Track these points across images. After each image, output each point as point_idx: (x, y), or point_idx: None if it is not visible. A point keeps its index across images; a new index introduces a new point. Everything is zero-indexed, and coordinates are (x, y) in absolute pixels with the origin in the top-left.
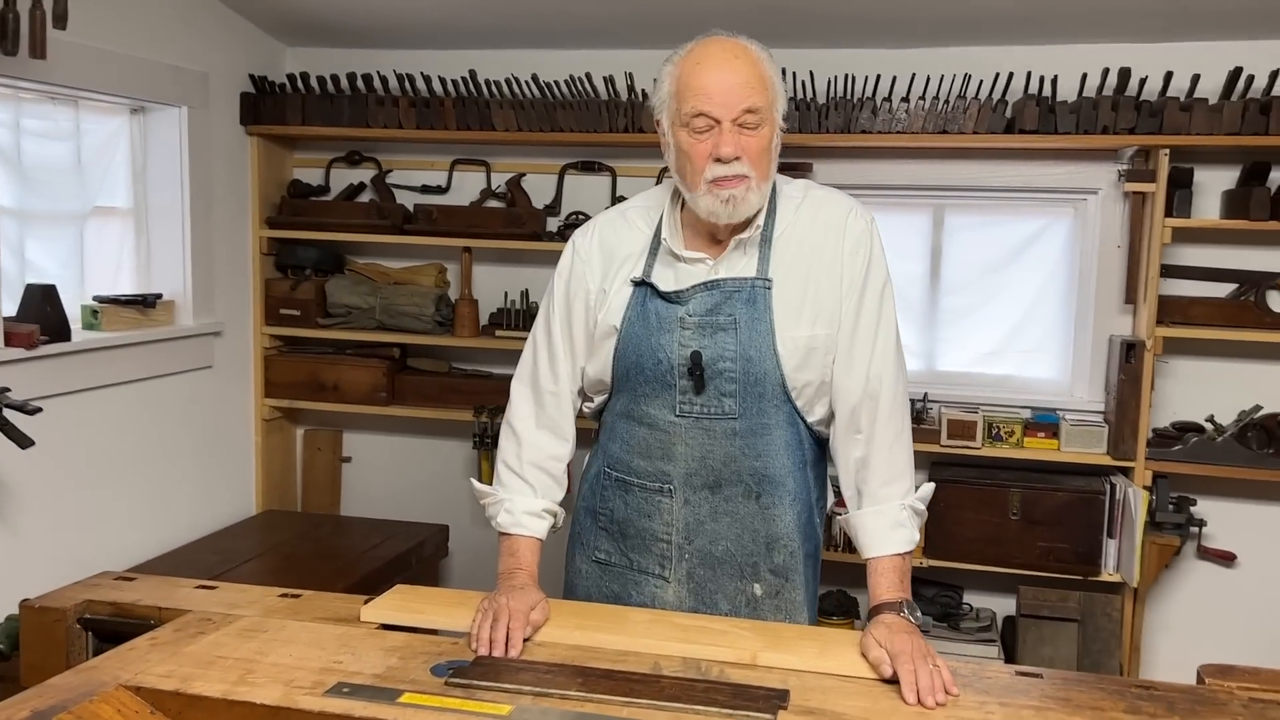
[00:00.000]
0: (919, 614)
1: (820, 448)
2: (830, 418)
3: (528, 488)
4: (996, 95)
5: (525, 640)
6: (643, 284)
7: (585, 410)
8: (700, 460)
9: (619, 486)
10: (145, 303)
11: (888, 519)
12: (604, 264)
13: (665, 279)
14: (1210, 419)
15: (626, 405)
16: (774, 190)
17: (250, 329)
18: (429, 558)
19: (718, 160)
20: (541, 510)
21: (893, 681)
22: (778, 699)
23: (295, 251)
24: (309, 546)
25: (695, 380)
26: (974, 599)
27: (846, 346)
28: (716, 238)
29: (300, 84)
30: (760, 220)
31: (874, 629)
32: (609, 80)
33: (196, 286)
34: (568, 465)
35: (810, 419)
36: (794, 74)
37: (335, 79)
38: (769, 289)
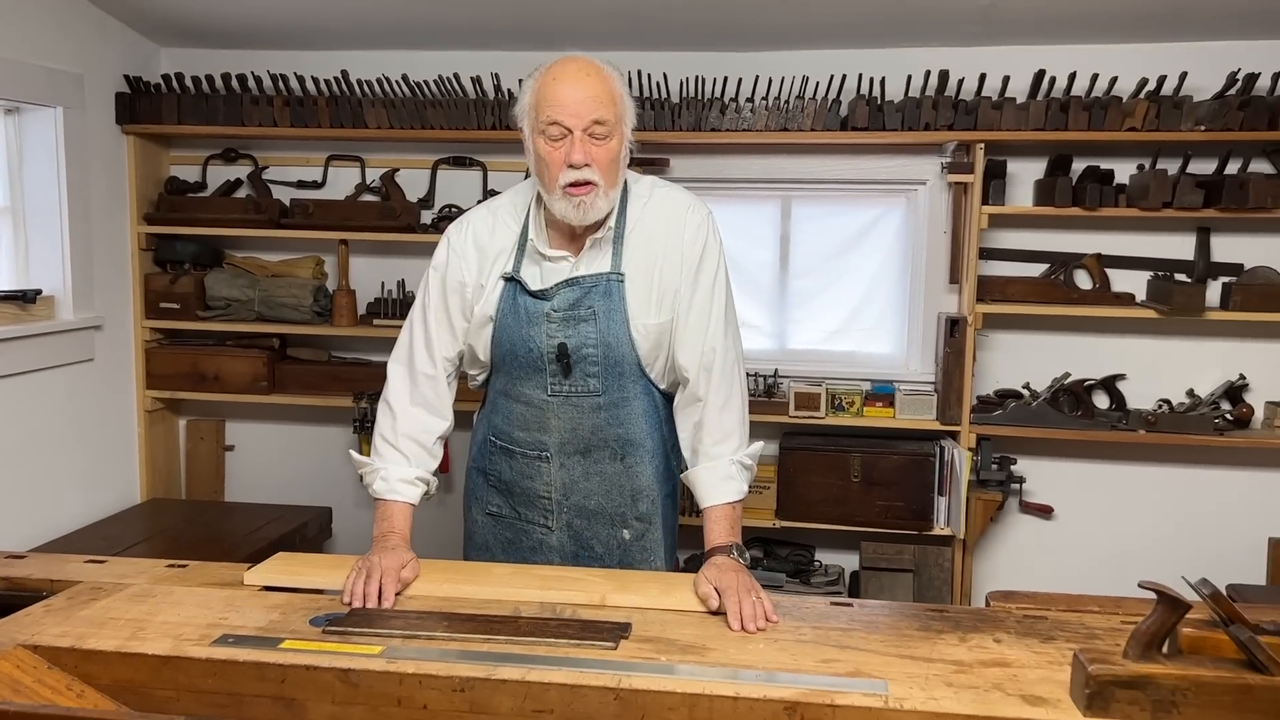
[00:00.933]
0: (747, 556)
1: (672, 405)
2: (678, 383)
3: (402, 458)
4: (832, 96)
5: (396, 595)
6: (512, 280)
7: (471, 385)
8: (571, 431)
9: (504, 453)
10: (25, 298)
11: (719, 473)
12: (479, 260)
13: (532, 276)
14: (1026, 386)
15: (505, 385)
16: (624, 189)
17: (131, 322)
18: (313, 539)
19: (570, 166)
20: (415, 478)
21: (722, 613)
22: (620, 631)
23: (174, 247)
24: (195, 530)
25: (563, 366)
26: (824, 556)
27: (683, 325)
28: (575, 234)
29: (175, 84)
30: (612, 221)
31: (706, 569)
32: (476, 80)
33: (76, 282)
34: (444, 441)
35: (662, 386)
36: (649, 75)
37: (210, 79)
38: (622, 282)
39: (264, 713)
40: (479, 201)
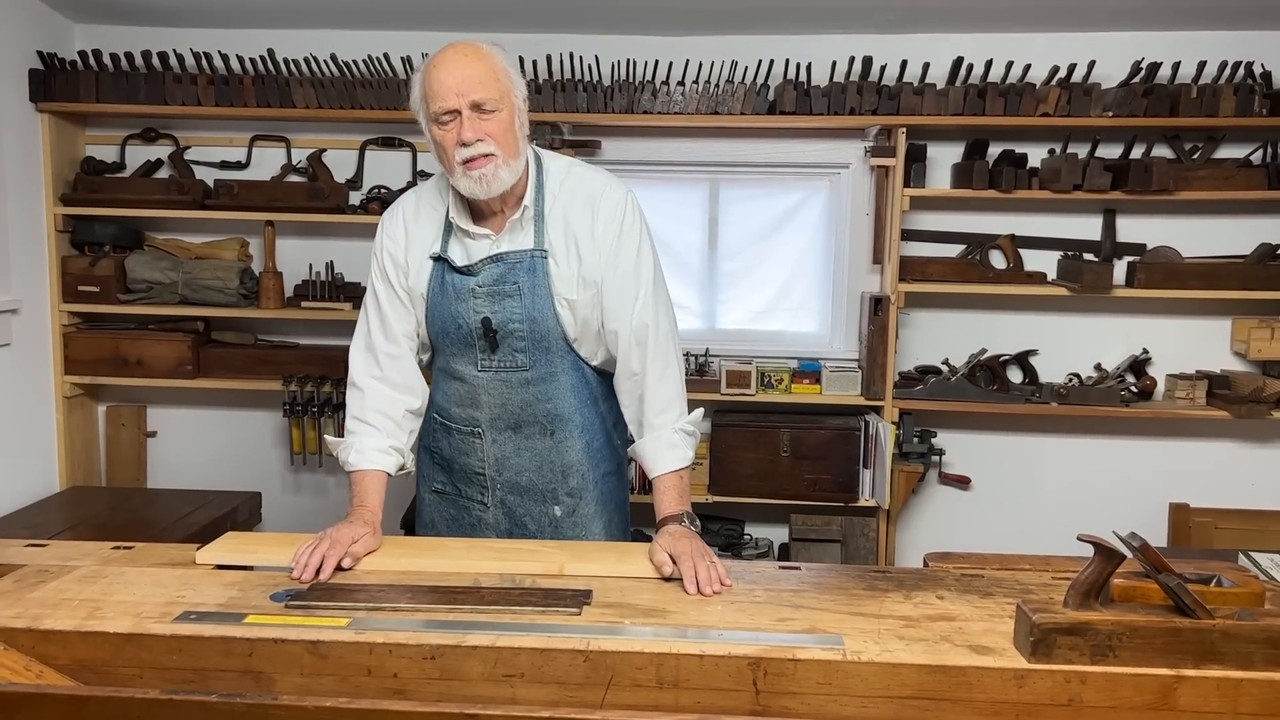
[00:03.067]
0: (698, 523)
1: (609, 383)
2: (613, 360)
3: (373, 430)
4: (760, 80)
5: (347, 569)
6: (440, 259)
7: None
8: (502, 406)
9: (443, 430)
10: None
11: (664, 442)
12: (407, 241)
13: (458, 254)
14: (945, 362)
15: (443, 362)
16: (541, 169)
17: (48, 306)
18: (243, 524)
19: (463, 144)
20: (388, 447)
21: (677, 579)
22: (583, 597)
23: (92, 228)
24: (121, 517)
25: (489, 341)
26: (754, 529)
27: (610, 303)
28: (493, 211)
29: (92, 61)
30: (529, 200)
31: (660, 538)
32: (406, 60)
33: None
34: (416, 419)
35: (593, 363)
36: (581, 58)
37: (129, 57)
38: (545, 258)
39: (231, 687)
40: (408, 183)
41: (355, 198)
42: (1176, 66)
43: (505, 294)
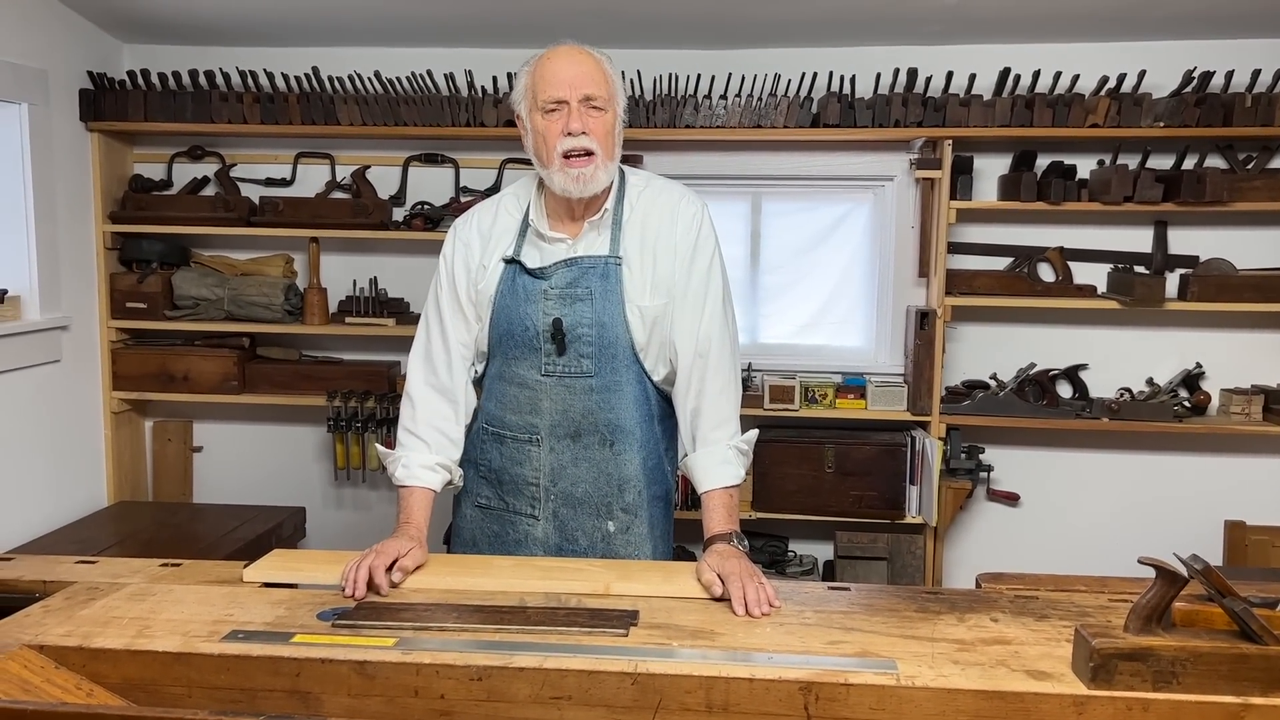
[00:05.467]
0: (746, 542)
1: (667, 404)
2: (673, 377)
3: (423, 444)
4: (803, 93)
5: (397, 583)
6: (512, 262)
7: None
8: (563, 413)
9: (495, 440)
10: None
11: (717, 457)
12: (482, 244)
13: (531, 257)
14: (993, 376)
15: (500, 368)
16: (623, 180)
17: (97, 323)
18: (287, 539)
19: (569, 134)
20: (435, 464)
21: (726, 600)
22: (630, 618)
23: (140, 245)
24: (167, 533)
25: (558, 344)
26: (798, 546)
27: (679, 311)
28: (575, 216)
29: (141, 81)
30: (609, 204)
31: (708, 557)
32: (449, 77)
33: (43, 282)
34: (465, 431)
35: (655, 378)
36: (623, 72)
37: (177, 75)
38: (619, 265)
39: (278, 707)
40: (451, 199)
41: (399, 214)
42: (1230, 75)
43: (576, 298)
